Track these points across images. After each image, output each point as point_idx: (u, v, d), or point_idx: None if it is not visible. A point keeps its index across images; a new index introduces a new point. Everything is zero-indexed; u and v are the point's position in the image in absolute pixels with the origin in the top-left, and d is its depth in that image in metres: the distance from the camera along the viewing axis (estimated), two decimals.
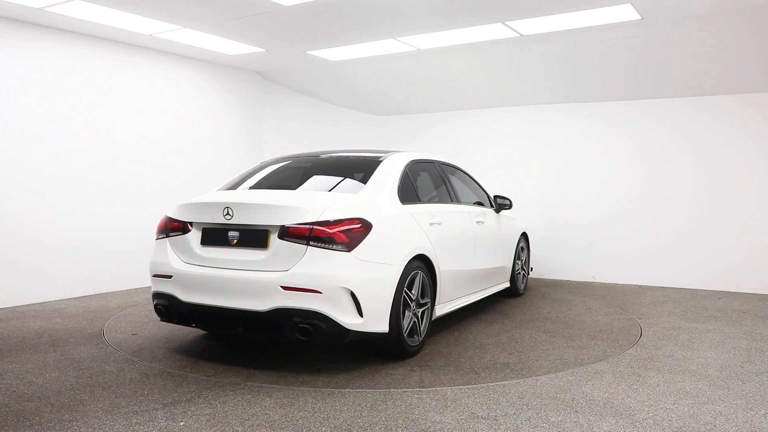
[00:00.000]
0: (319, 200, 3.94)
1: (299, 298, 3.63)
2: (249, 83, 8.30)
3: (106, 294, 6.65)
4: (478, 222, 5.41)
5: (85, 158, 6.52)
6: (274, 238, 3.79)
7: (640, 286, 7.39)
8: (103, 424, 3.04)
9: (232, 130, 8.12)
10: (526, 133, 8.34)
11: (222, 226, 4.01)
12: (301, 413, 3.19)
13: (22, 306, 5.97)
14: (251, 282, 3.75)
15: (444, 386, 3.63)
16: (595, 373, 3.89)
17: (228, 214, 3.95)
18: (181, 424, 3.04)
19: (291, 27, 6.08)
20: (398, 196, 4.36)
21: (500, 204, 6.04)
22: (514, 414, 3.19)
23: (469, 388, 3.60)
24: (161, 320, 4.27)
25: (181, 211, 4.21)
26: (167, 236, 4.22)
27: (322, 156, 4.97)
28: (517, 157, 8.39)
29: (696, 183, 7.22)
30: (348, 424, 3.04)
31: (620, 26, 5.82)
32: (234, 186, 4.63)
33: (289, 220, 3.76)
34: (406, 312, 4.11)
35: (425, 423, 3.07)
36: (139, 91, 7.03)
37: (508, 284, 6.33)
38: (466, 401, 3.37)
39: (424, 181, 5.10)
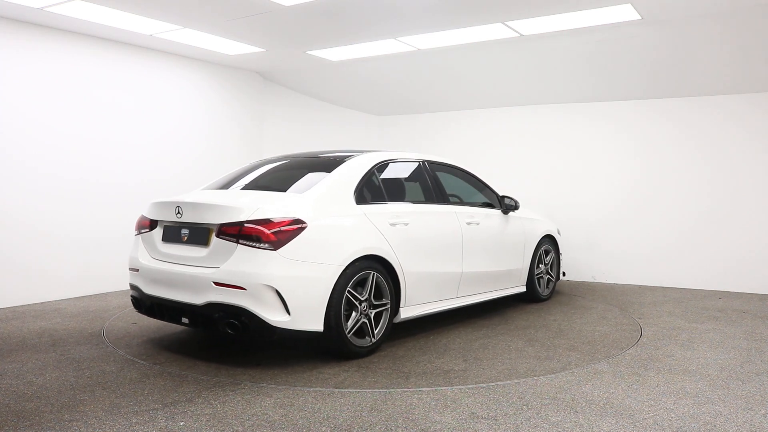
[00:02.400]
0: (256, 200, 4.11)
1: (227, 293, 3.80)
2: (249, 83, 8.30)
3: (106, 294, 6.65)
4: (468, 223, 5.23)
5: (85, 158, 6.52)
6: (213, 236, 3.98)
7: (640, 286, 7.39)
8: (103, 424, 3.04)
9: (231, 130, 8.12)
10: (526, 133, 8.34)
11: (176, 224, 4.27)
12: (301, 413, 3.19)
13: (22, 306, 5.97)
14: (192, 277, 3.97)
15: (381, 388, 3.63)
16: (595, 373, 3.89)
17: (179, 212, 4.21)
18: (181, 424, 3.04)
19: (291, 27, 6.08)
20: (354, 196, 4.37)
21: (507, 205, 5.83)
22: (514, 414, 3.19)
23: (469, 388, 3.60)
24: (136, 311, 4.54)
25: (151, 210, 4.50)
26: (140, 233, 4.55)
27: (300, 157, 5.05)
28: (516, 157, 8.39)
29: (696, 183, 7.23)
30: (348, 424, 3.05)
31: (620, 26, 5.82)
32: (213, 186, 4.88)
33: (225, 219, 3.93)
34: (353, 312, 4.14)
35: (425, 423, 3.07)
36: (139, 91, 7.03)
37: (523, 289, 6.08)
38: (466, 401, 3.38)
39: (398, 181, 5.04)
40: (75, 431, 2.96)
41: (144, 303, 4.36)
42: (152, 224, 4.44)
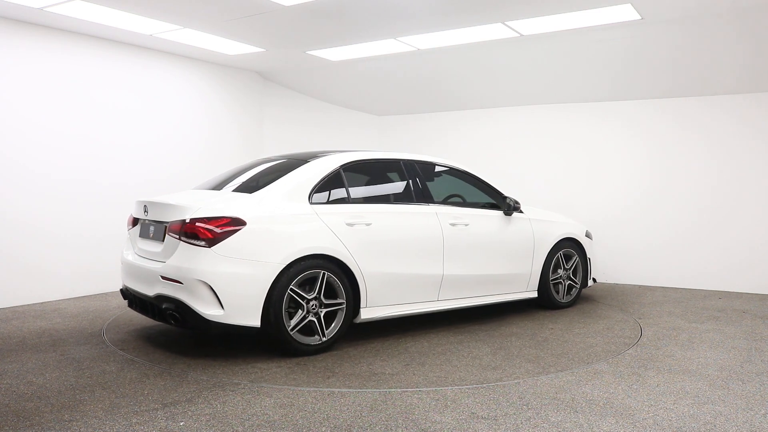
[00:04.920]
0: (204, 200, 4.34)
1: (170, 287, 4.10)
2: (249, 83, 8.30)
3: (106, 294, 6.65)
4: (453, 224, 5.06)
5: (84, 158, 6.52)
6: (167, 233, 4.25)
7: (640, 286, 7.39)
8: (103, 424, 3.04)
9: (231, 130, 8.12)
10: (525, 134, 8.34)
11: (148, 222, 4.58)
12: (301, 413, 3.19)
13: (22, 306, 5.97)
14: (148, 270, 4.30)
15: (297, 386, 3.63)
16: (595, 373, 3.89)
17: (145, 211, 4.55)
18: (181, 424, 3.04)
19: (291, 27, 6.08)
20: (308, 196, 4.44)
21: (508, 205, 5.52)
22: (514, 414, 3.19)
23: (469, 388, 3.60)
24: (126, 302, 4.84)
25: (135, 208, 4.83)
26: (129, 229, 4.92)
27: (283, 158, 5.09)
28: (516, 157, 8.39)
29: (696, 183, 7.22)
30: (348, 424, 3.05)
31: (620, 26, 5.82)
32: (201, 186, 5.07)
33: (174, 217, 4.21)
34: (299, 310, 4.22)
35: (425, 423, 3.07)
36: (139, 91, 7.03)
37: (534, 294, 5.75)
38: (466, 401, 3.38)
39: (368, 181, 5.02)
40: (75, 431, 2.96)
41: (127, 295, 4.69)
42: (134, 222, 4.80)
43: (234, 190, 4.61)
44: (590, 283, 6.34)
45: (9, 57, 5.92)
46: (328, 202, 4.54)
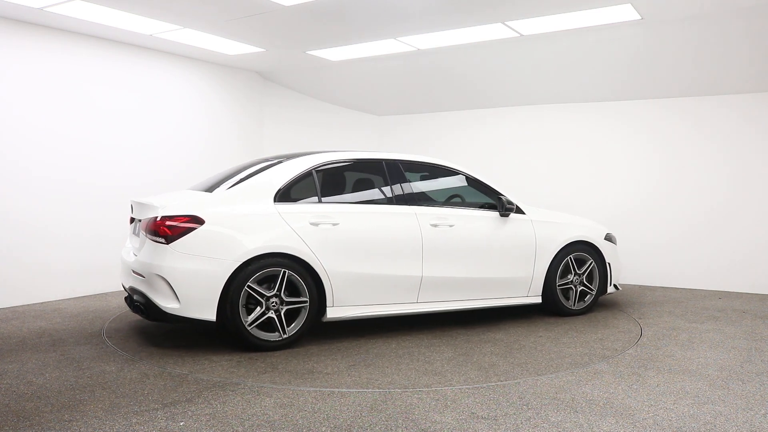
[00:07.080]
0: (172, 199, 4.57)
1: (138, 280, 4.41)
2: (249, 83, 8.30)
3: (106, 294, 6.65)
4: (434, 225, 4.92)
5: (84, 158, 6.52)
6: (141, 230, 4.53)
7: (640, 286, 7.39)
8: (103, 424, 3.04)
9: (231, 130, 8.12)
10: (527, 134, 8.34)
11: (135, 219, 4.82)
12: (301, 413, 3.19)
13: (22, 306, 5.98)
14: (128, 265, 4.62)
15: (225, 378, 3.63)
16: (595, 373, 3.89)
17: (132, 210, 4.87)
18: (181, 424, 3.05)
19: (291, 27, 6.08)
20: (274, 196, 4.53)
21: (504, 206, 5.29)
22: (514, 414, 3.20)
23: (469, 388, 3.60)
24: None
25: (130, 207, 5.06)
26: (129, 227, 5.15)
27: (275, 158, 5.10)
28: (517, 157, 8.39)
29: (696, 183, 7.22)
30: (348, 424, 3.05)
31: (620, 26, 5.82)
32: (195, 187, 5.18)
33: (148, 215, 4.42)
34: (258, 307, 4.32)
35: (425, 423, 3.07)
36: (139, 91, 7.03)
37: (537, 300, 5.45)
38: (466, 401, 3.38)
39: (342, 181, 5.02)
40: (75, 431, 2.96)
41: (123, 288, 4.87)
42: (131, 220, 5.00)
43: (226, 191, 4.67)
44: (611, 290, 5.88)
45: (9, 57, 5.92)
46: (296, 202, 4.61)
